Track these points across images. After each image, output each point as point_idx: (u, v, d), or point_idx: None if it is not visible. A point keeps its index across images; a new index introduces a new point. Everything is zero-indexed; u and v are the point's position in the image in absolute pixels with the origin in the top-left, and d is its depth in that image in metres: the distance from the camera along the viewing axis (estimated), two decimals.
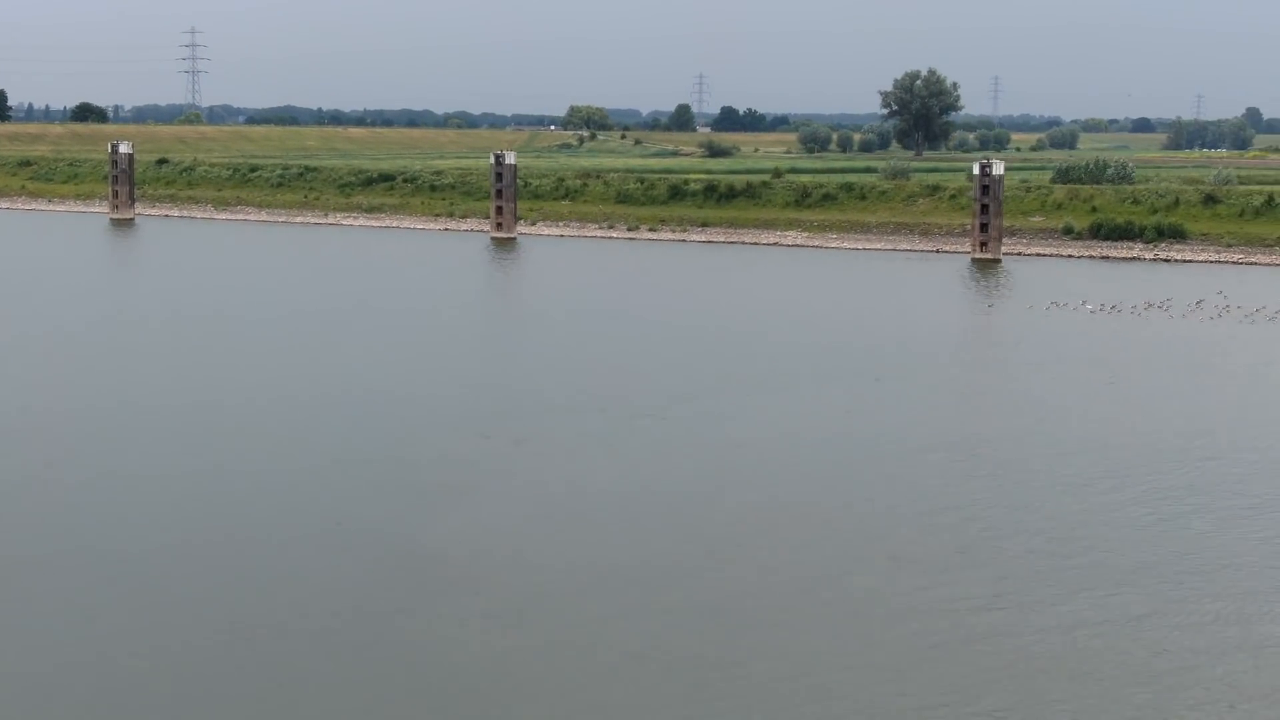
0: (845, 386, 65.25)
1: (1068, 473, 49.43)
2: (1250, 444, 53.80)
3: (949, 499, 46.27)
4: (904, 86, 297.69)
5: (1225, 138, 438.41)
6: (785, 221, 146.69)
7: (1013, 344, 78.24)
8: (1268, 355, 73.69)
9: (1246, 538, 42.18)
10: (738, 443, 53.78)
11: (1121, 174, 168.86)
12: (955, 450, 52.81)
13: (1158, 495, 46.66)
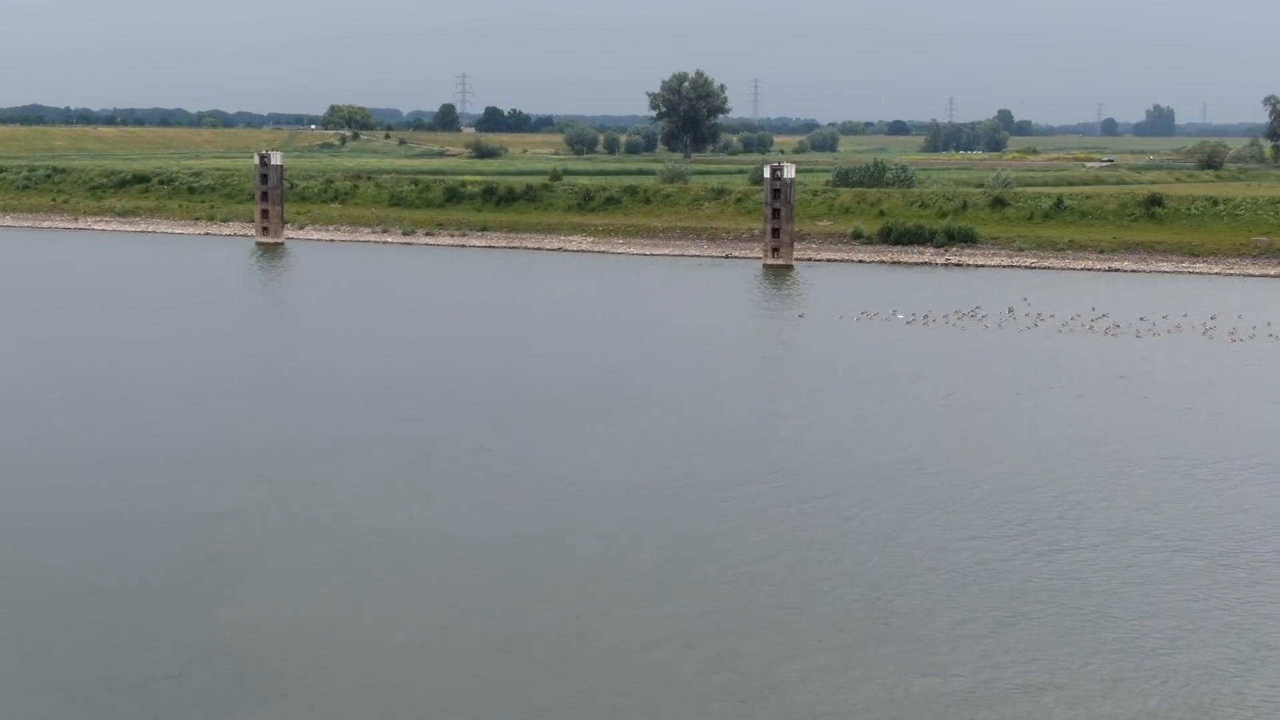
0: (672, 409, 59.99)
1: (940, 498, 44.99)
2: (1105, 467, 50.12)
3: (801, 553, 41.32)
4: (672, 88, 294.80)
5: (980, 139, 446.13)
6: (569, 226, 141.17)
7: (837, 358, 73.90)
8: (1094, 369, 70.52)
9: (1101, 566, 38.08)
10: (521, 493, 48.12)
11: (902, 176, 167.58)
12: (821, 482, 48.02)
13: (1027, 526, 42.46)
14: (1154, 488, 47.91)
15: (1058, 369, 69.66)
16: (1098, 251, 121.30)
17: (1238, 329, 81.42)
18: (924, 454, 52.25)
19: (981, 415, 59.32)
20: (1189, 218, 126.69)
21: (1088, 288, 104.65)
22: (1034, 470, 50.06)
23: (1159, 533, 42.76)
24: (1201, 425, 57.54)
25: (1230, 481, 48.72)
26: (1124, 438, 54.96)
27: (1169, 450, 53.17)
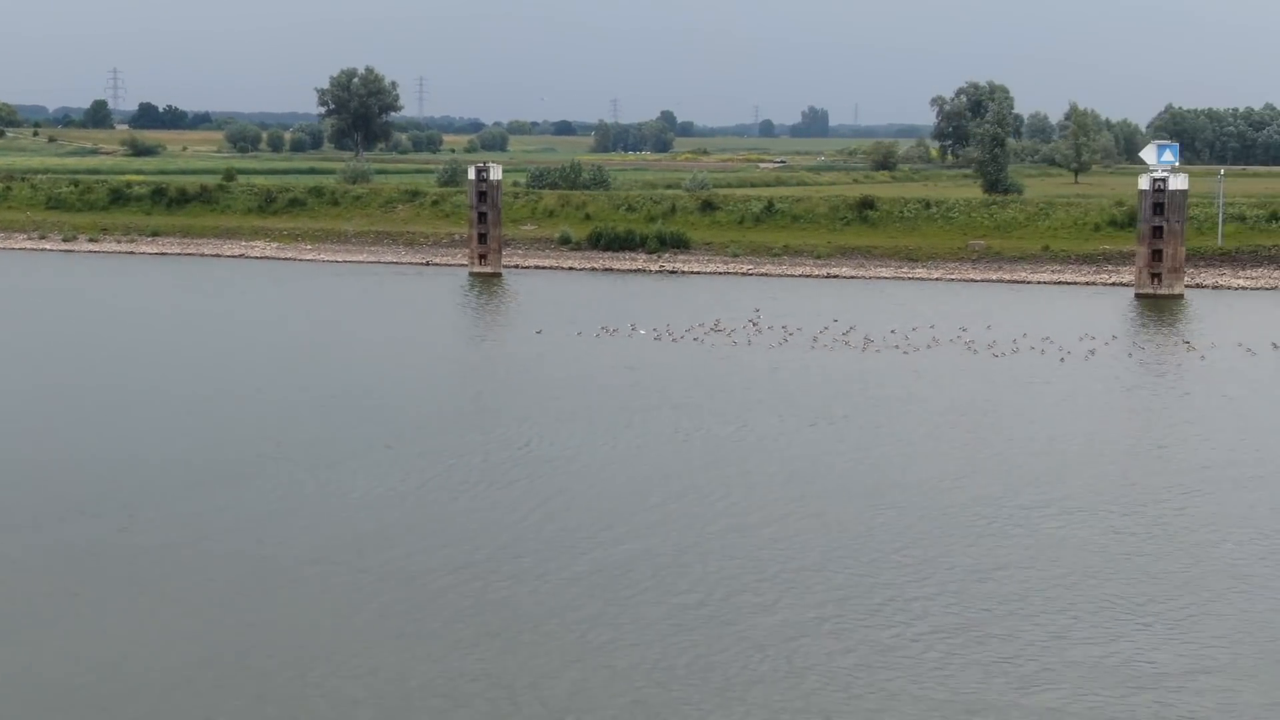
0: (423, 458, 51.64)
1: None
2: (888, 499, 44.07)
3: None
4: (341, 84, 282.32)
5: (647, 140, 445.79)
6: (250, 230, 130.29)
7: (604, 385, 66.43)
8: (880, 392, 64.82)
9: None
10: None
11: (599, 178, 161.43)
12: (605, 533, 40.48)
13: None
14: (1044, 531, 41.97)
15: (840, 393, 63.63)
16: (814, 257, 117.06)
17: (997, 342, 77.06)
18: (768, 500, 45.24)
19: (796, 450, 52.63)
20: (902, 221, 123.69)
21: (814, 296, 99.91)
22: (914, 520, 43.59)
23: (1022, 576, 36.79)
24: (1057, 454, 52.16)
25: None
26: (968, 474, 49.01)
27: (1048, 484, 47.38)
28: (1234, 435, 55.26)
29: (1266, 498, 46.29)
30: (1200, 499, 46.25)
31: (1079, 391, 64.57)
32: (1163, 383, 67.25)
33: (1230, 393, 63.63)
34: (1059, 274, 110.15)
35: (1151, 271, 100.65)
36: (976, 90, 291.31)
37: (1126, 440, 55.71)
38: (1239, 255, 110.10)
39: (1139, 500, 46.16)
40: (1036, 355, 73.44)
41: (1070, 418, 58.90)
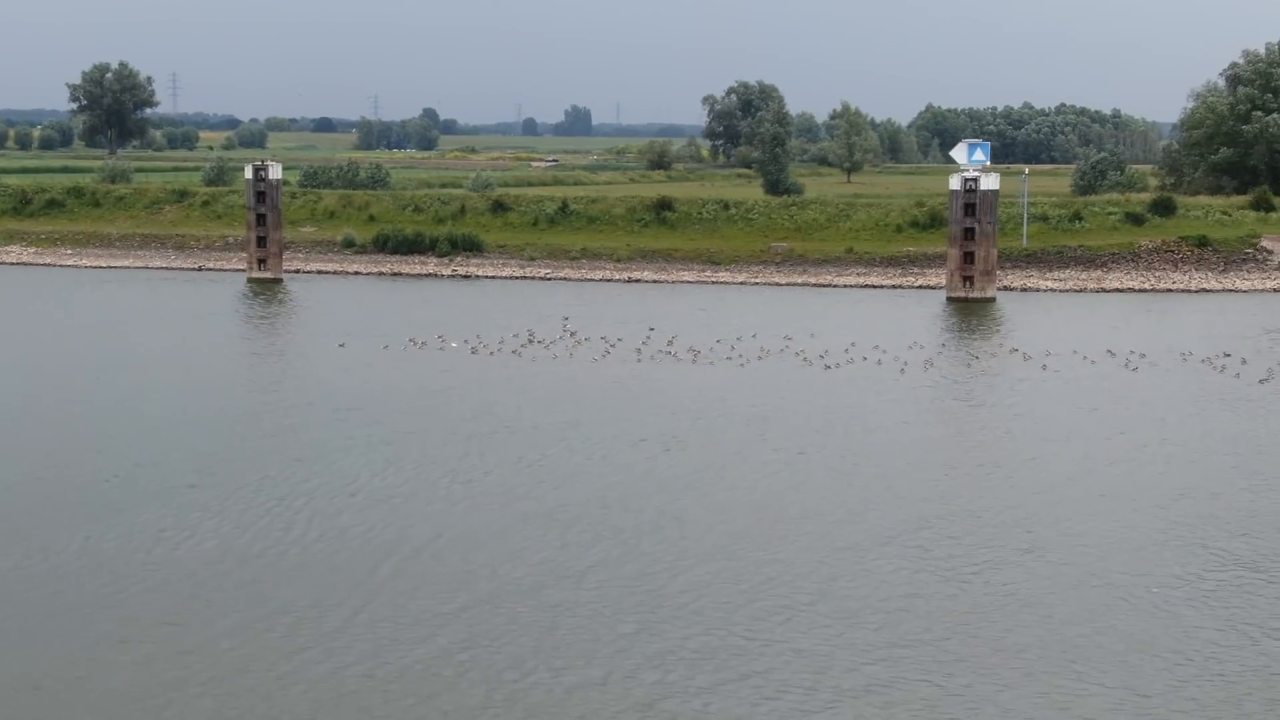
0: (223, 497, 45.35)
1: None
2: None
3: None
4: (94, 80, 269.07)
5: (411, 138, 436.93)
6: (4, 234, 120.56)
7: (410, 404, 60.54)
8: (747, 410, 60.28)
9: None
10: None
11: (378, 177, 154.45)
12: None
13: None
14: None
15: (689, 411, 58.82)
16: (614, 260, 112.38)
17: (829, 352, 73.14)
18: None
19: (662, 478, 47.63)
20: (702, 223, 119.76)
21: (620, 301, 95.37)
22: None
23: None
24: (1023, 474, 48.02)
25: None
26: (864, 502, 44.55)
27: (952, 511, 43.08)
28: (1108, 447, 52.03)
29: (1145, 504, 42.92)
30: (1098, 516, 42.65)
31: (936, 408, 60.91)
32: (1016, 394, 63.91)
33: (1092, 404, 60.60)
34: (864, 277, 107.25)
35: (963, 274, 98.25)
36: (747, 90, 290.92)
37: (1012, 458, 52.01)
38: (1044, 256, 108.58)
39: (1051, 519, 42.34)
40: (873, 366, 69.69)
41: (945, 438, 55.09)
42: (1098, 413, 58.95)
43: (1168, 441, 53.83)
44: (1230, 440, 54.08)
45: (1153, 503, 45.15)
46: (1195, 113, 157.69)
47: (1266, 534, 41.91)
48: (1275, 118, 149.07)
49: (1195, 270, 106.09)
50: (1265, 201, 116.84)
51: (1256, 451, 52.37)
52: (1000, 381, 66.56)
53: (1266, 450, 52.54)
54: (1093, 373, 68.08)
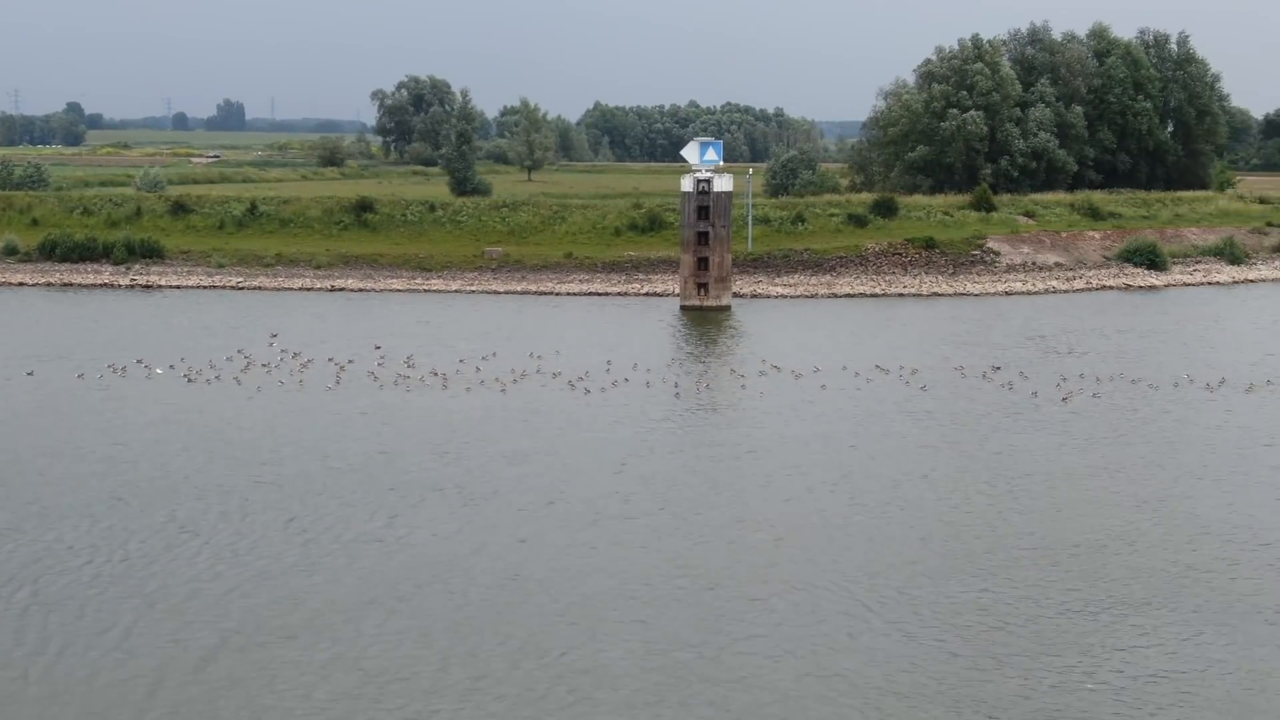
0: None
1: None
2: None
3: None
4: None
5: (56, 133, 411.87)
6: None
7: (124, 449, 51.01)
8: (489, 445, 52.64)
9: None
10: None
11: (36, 176, 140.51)
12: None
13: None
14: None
15: (466, 453, 50.97)
16: (314, 267, 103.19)
17: (590, 373, 66.07)
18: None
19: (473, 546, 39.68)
20: (407, 225, 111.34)
21: (328, 314, 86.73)
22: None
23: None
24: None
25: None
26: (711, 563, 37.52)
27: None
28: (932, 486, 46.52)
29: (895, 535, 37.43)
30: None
31: (736, 439, 54.52)
32: (809, 419, 58.02)
33: (900, 430, 55.16)
34: (588, 284, 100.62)
35: (698, 281, 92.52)
36: (418, 85, 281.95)
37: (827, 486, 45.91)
38: (771, 261, 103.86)
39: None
40: (642, 388, 62.97)
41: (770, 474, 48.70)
42: (927, 449, 53.49)
43: (999, 476, 48.63)
44: (1084, 475, 49.28)
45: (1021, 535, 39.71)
46: (890, 110, 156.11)
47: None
48: (972, 115, 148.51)
49: (925, 273, 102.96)
50: (986, 202, 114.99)
51: (1064, 480, 47.66)
52: (785, 403, 60.54)
53: (1078, 478, 47.83)
54: (878, 393, 62.79)
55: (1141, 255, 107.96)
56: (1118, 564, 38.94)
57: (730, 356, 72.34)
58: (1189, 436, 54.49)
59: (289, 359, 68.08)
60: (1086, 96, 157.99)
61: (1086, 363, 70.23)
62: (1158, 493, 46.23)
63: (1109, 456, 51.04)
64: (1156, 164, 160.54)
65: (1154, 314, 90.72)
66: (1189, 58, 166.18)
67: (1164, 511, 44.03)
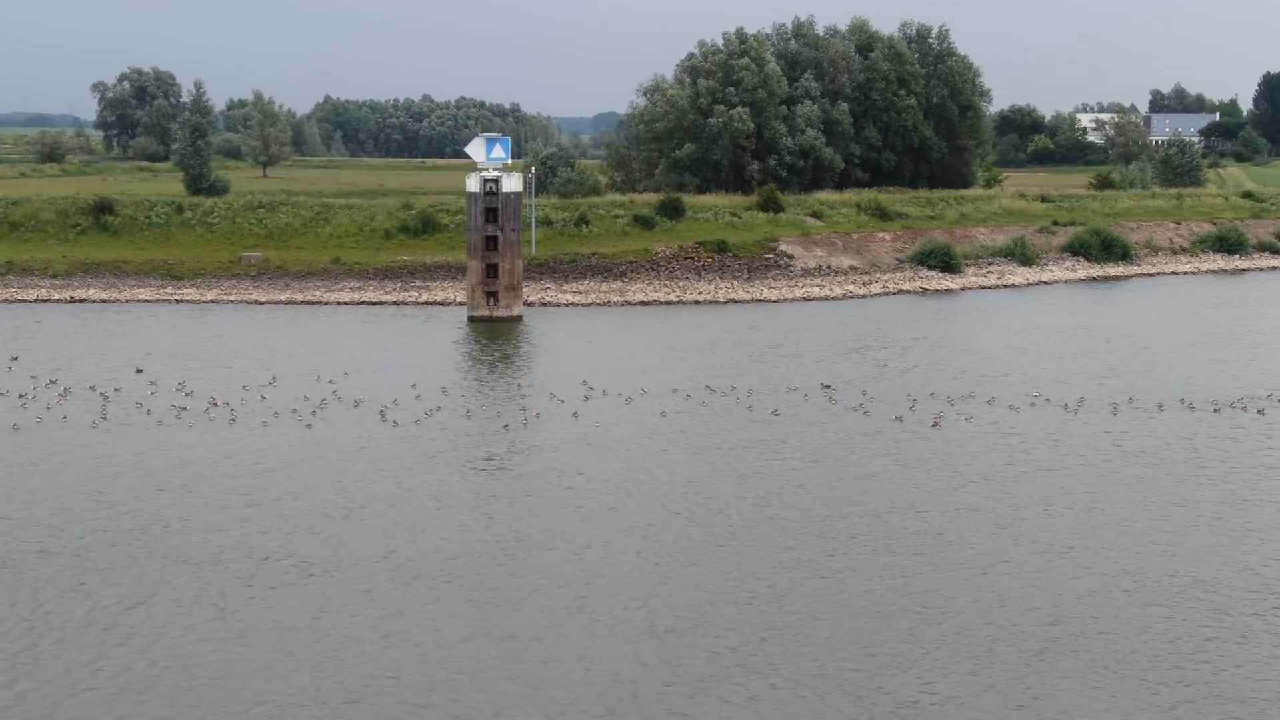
0: None
1: None
2: None
3: None
4: None
5: None
6: None
7: None
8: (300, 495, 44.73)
9: None
10: None
11: None
12: None
13: None
14: None
15: (317, 514, 42.87)
16: (50, 275, 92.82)
17: (399, 401, 58.34)
18: None
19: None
20: (152, 228, 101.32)
21: (72, 329, 77.16)
22: None
23: None
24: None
25: None
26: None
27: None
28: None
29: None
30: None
31: (590, 485, 47.50)
32: (652, 450, 51.43)
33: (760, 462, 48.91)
34: (360, 292, 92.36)
35: (487, 290, 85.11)
36: (141, 76, 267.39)
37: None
38: (558, 266, 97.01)
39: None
40: (462, 419, 55.55)
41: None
42: (834, 498, 47.28)
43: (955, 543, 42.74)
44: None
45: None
46: (654, 107, 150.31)
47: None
48: (739, 112, 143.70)
49: (719, 278, 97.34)
50: (774, 202, 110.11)
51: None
52: (629, 435, 53.73)
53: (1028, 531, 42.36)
54: (722, 421, 56.52)
55: (935, 257, 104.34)
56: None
57: (545, 377, 65.19)
58: (1110, 462, 49.46)
59: (43, 388, 58.68)
60: (852, 93, 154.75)
61: (926, 379, 65.21)
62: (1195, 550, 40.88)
63: (1058, 497, 45.63)
64: (921, 161, 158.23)
65: (965, 321, 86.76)
66: (949, 52, 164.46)
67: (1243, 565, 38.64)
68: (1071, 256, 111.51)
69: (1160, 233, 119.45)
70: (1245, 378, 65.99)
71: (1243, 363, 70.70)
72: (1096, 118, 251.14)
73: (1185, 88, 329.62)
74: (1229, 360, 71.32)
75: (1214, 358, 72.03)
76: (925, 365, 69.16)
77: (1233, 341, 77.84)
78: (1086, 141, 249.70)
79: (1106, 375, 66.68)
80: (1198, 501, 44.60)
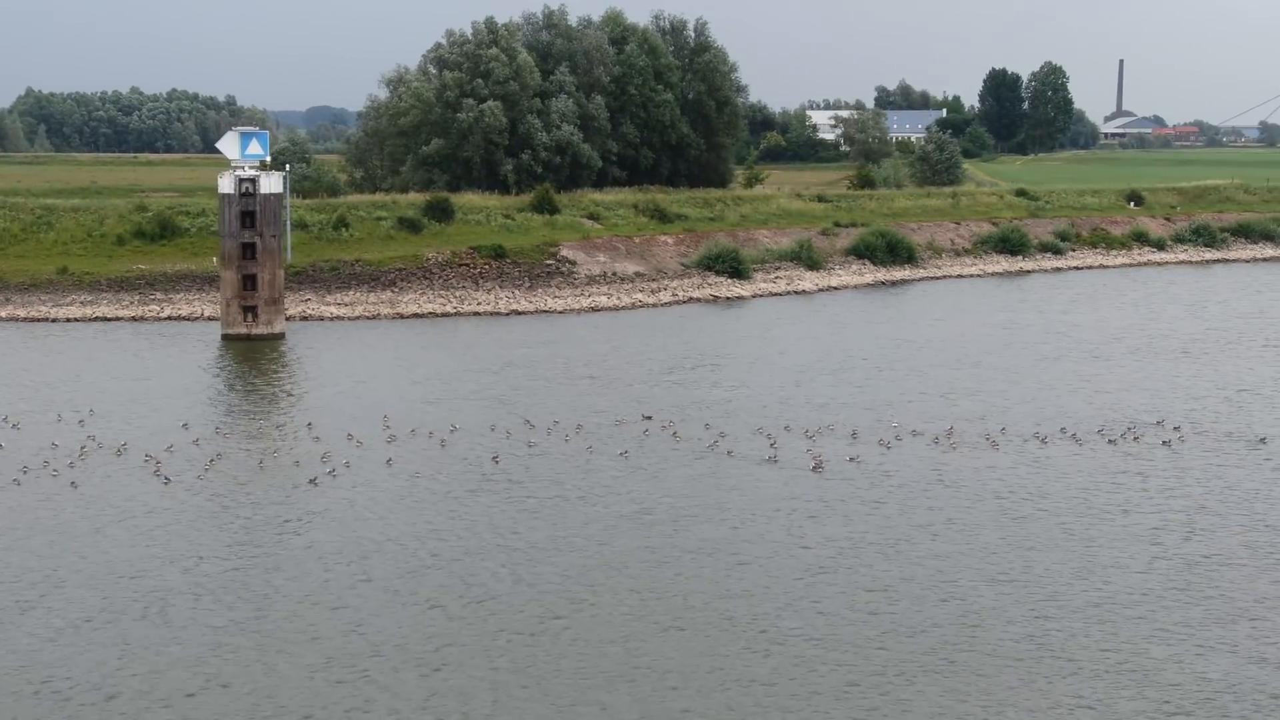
0: None
1: None
2: None
3: None
4: None
5: None
6: None
7: None
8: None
9: None
10: None
11: None
12: None
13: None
14: None
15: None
16: None
17: (175, 445, 48.61)
18: None
19: None
20: None
21: None
22: None
23: None
24: None
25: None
26: None
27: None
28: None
29: None
30: None
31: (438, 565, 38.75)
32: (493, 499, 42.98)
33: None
34: (92, 306, 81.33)
35: (244, 304, 75.08)
36: None
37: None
38: (319, 275, 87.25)
39: None
40: (255, 470, 46.14)
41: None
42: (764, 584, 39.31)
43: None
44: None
45: None
46: (400, 100, 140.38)
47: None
48: (490, 105, 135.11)
49: (499, 287, 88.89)
50: (549, 203, 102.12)
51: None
52: (450, 491, 45.12)
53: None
54: (559, 467, 48.33)
55: (723, 262, 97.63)
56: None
57: (336, 411, 55.88)
58: (1012, 505, 42.76)
59: None
60: (608, 86, 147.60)
61: (758, 405, 58.03)
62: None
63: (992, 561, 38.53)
64: (679, 159, 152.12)
65: (769, 333, 79.91)
66: (706, 45, 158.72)
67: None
68: (857, 259, 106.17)
69: (941, 233, 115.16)
70: (1105, 400, 60.57)
71: (1096, 380, 65.45)
72: (836, 114, 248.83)
73: (911, 84, 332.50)
74: (1086, 379, 66.01)
75: (1066, 374, 66.68)
76: (752, 388, 62.01)
77: (1076, 352, 72.80)
78: (818, 139, 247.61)
79: (958, 396, 60.51)
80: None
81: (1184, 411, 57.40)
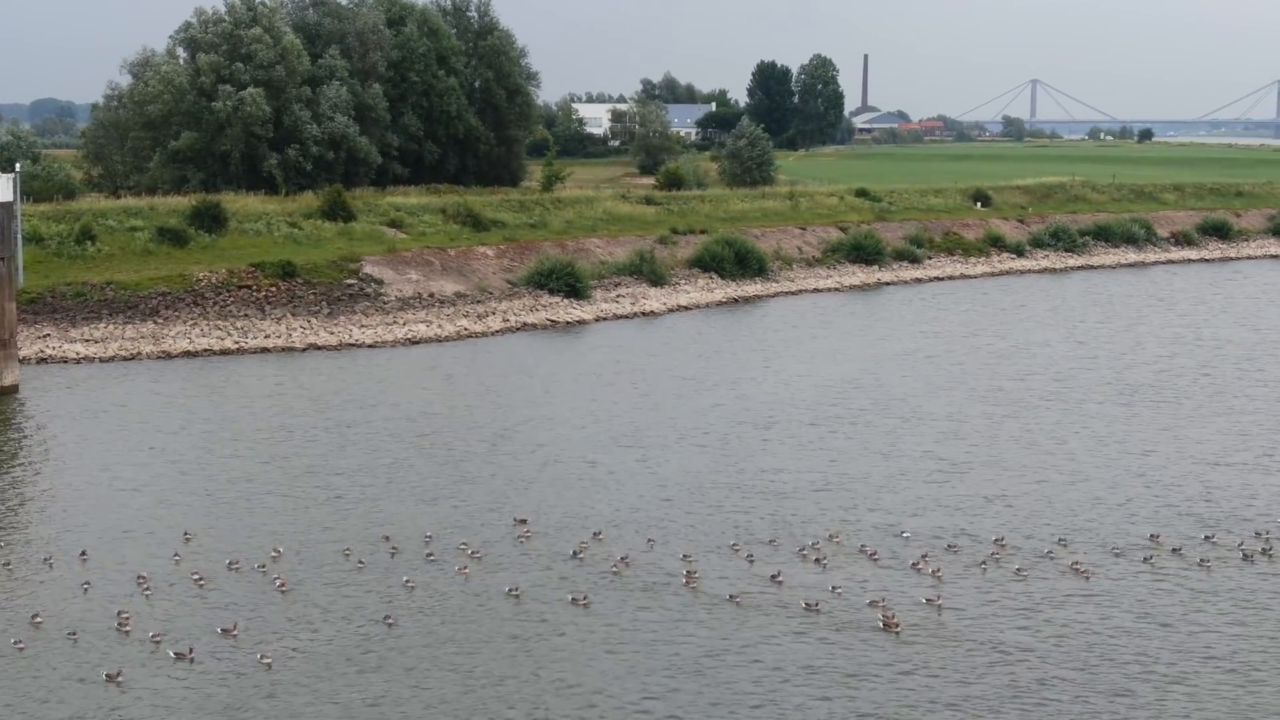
0: None
1: None
2: None
3: None
4: None
5: None
6: None
7: None
8: None
9: None
10: None
11: None
12: None
13: None
14: None
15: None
16: None
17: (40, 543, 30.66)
18: None
19: None
20: None
21: None
22: None
23: None
24: None
25: None
26: None
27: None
28: None
29: None
30: None
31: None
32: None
33: None
34: None
35: None
36: None
37: None
38: (59, 302, 68.57)
39: None
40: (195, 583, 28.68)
41: None
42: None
43: None
44: None
45: None
46: (147, 87, 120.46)
47: None
48: (251, 93, 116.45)
49: (291, 315, 71.30)
50: (342, 207, 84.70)
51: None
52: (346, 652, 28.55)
53: None
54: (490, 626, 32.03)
55: (557, 279, 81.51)
56: None
57: (127, 521, 38.38)
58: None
59: None
60: (386, 73, 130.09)
61: (691, 499, 42.62)
62: None
63: None
64: (468, 154, 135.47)
65: (626, 369, 64.22)
66: (491, 28, 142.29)
67: None
68: (703, 272, 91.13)
69: (787, 240, 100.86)
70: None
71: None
72: (615, 108, 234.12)
73: (676, 78, 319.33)
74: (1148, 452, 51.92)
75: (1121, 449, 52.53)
76: (654, 463, 46.45)
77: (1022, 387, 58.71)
78: (586, 133, 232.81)
79: (946, 472, 45.81)
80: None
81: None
